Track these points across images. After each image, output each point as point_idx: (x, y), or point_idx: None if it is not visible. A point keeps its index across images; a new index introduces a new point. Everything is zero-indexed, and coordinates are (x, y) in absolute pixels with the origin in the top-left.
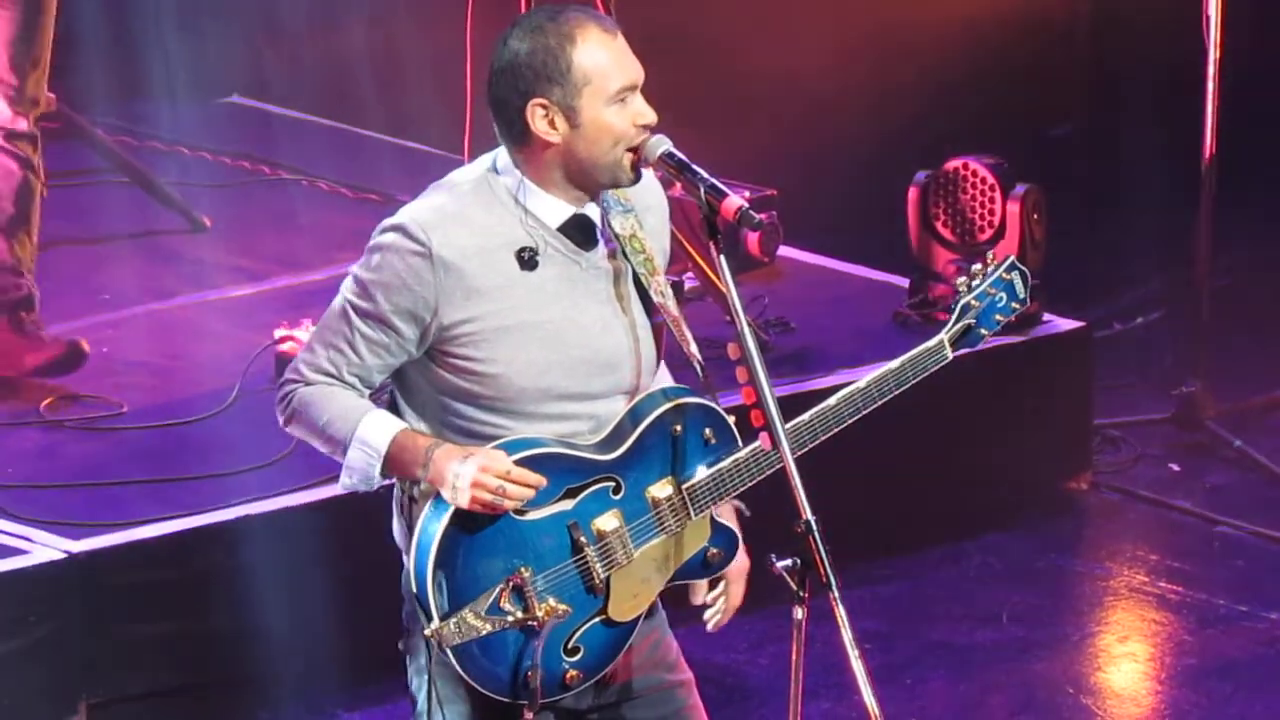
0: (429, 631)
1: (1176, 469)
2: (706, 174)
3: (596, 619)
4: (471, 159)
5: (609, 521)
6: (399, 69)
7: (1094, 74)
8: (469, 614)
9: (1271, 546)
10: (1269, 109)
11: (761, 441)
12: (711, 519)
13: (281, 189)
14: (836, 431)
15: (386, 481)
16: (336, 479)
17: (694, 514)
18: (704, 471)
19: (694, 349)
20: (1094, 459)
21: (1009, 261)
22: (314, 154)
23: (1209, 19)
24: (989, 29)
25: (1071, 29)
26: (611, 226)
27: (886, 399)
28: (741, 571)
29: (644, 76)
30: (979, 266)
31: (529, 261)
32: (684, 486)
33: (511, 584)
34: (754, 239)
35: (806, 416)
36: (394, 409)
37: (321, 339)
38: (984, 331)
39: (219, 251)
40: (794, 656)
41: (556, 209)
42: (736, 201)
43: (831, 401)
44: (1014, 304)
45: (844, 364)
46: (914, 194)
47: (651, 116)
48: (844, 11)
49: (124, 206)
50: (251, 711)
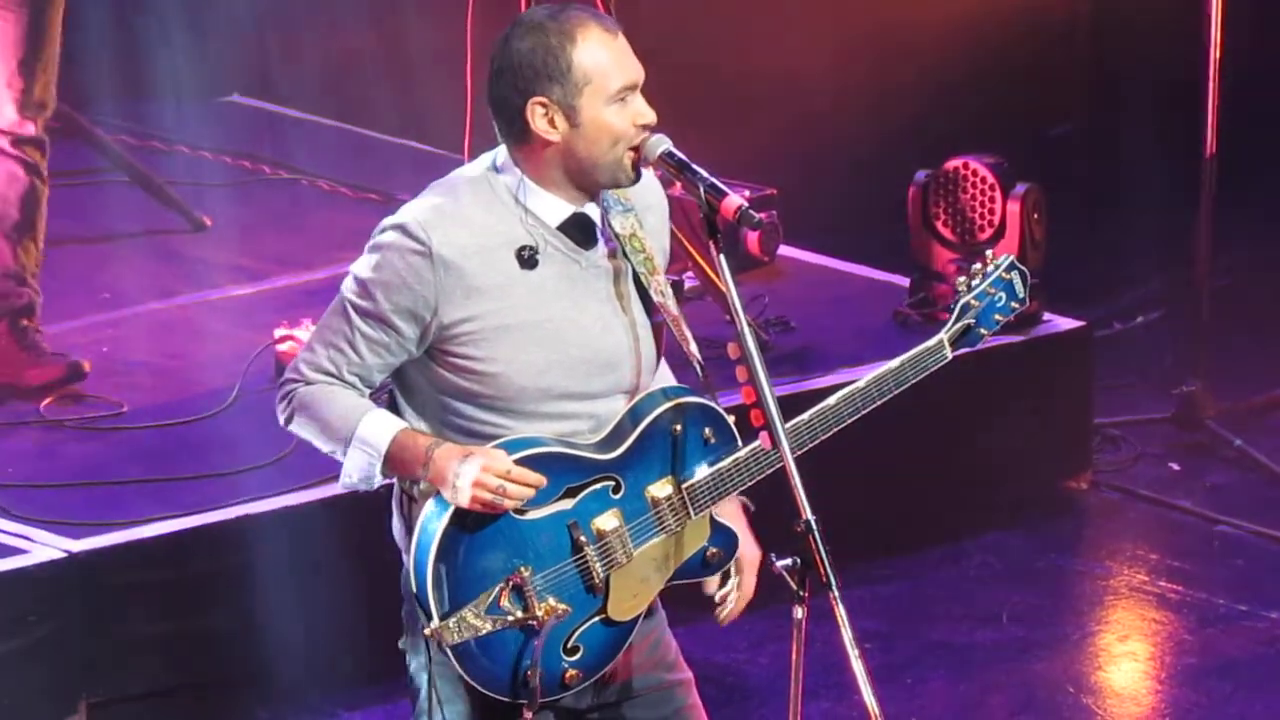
0: (429, 631)
1: (1176, 468)
2: (706, 173)
3: (596, 618)
4: (472, 158)
5: (609, 521)
6: (399, 68)
7: (1094, 74)
8: (469, 613)
9: (1271, 546)
10: (1269, 109)
11: (761, 441)
12: (711, 518)
13: (282, 188)
14: (836, 431)
15: (387, 481)
16: (337, 478)
17: (693, 513)
18: (704, 471)
19: (694, 348)
20: (1094, 458)
21: (1008, 261)
22: (314, 153)
23: (1209, 19)
24: (989, 29)
25: (1071, 29)
26: (611, 226)
27: (886, 399)
28: (753, 562)
29: (644, 76)
30: (978, 266)
31: (529, 260)
32: (684, 486)
33: (511, 583)
34: (754, 238)
35: (806, 416)
36: (394, 408)
37: (322, 338)
38: (983, 331)
39: (219, 251)
40: (794, 656)
41: (556, 208)
42: (736, 201)
43: (831, 401)
44: (1013, 304)
45: (844, 363)
46: (914, 193)
47: (651, 116)
48: (844, 11)
49: (124, 206)
50: (251, 711)
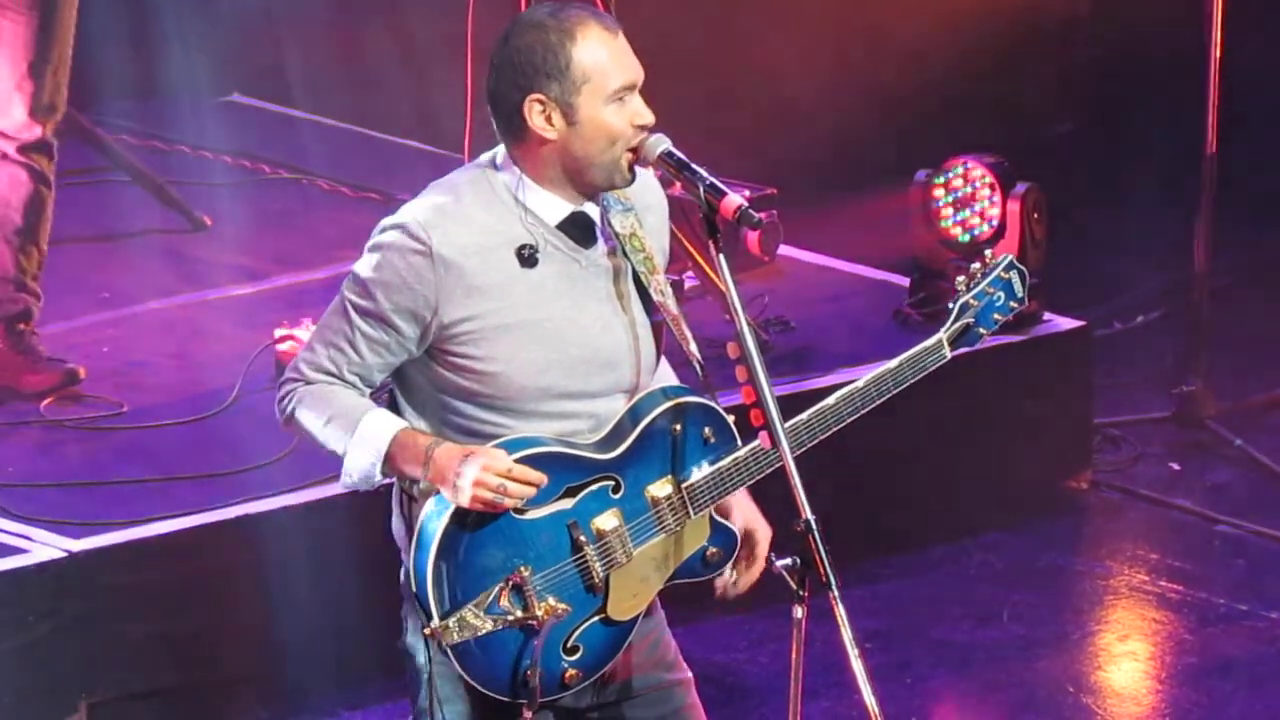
0: (428, 630)
1: (1177, 468)
2: (706, 173)
3: (596, 618)
4: (472, 157)
5: (608, 520)
6: (400, 67)
7: (1094, 74)
8: (469, 612)
9: (1272, 545)
10: (1269, 109)
11: (761, 441)
12: (711, 518)
13: (282, 188)
14: (835, 431)
15: (387, 480)
16: (337, 478)
17: (693, 513)
18: (703, 471)
19: (693, 348)
20: (1094, 458)
21: (1007, 260)
22: (314, 153)
23: (1209, 18)
24: (989, 28)
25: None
26: (611, 225)
27: (885, 398)
28: (765, 538)
29: (643, 77)
30: (977, 266)
31: (529, 259)
32: (683, 485)
33: (511, 583)
34: (754, 238)
35: (805, 416)
36: (394, 407)
37: (322, 338)
38: (982, 330)
39: (219, 250)
40: (794, 655)
41: (555, 206)
42: (736, 200)
43: (830, 401)
44: (1012, 303)
45: (844, 363)
46: (914, 193)
47: (649, 117)
48: (845, 10)
49: (124, 205)
50: (252, 711)
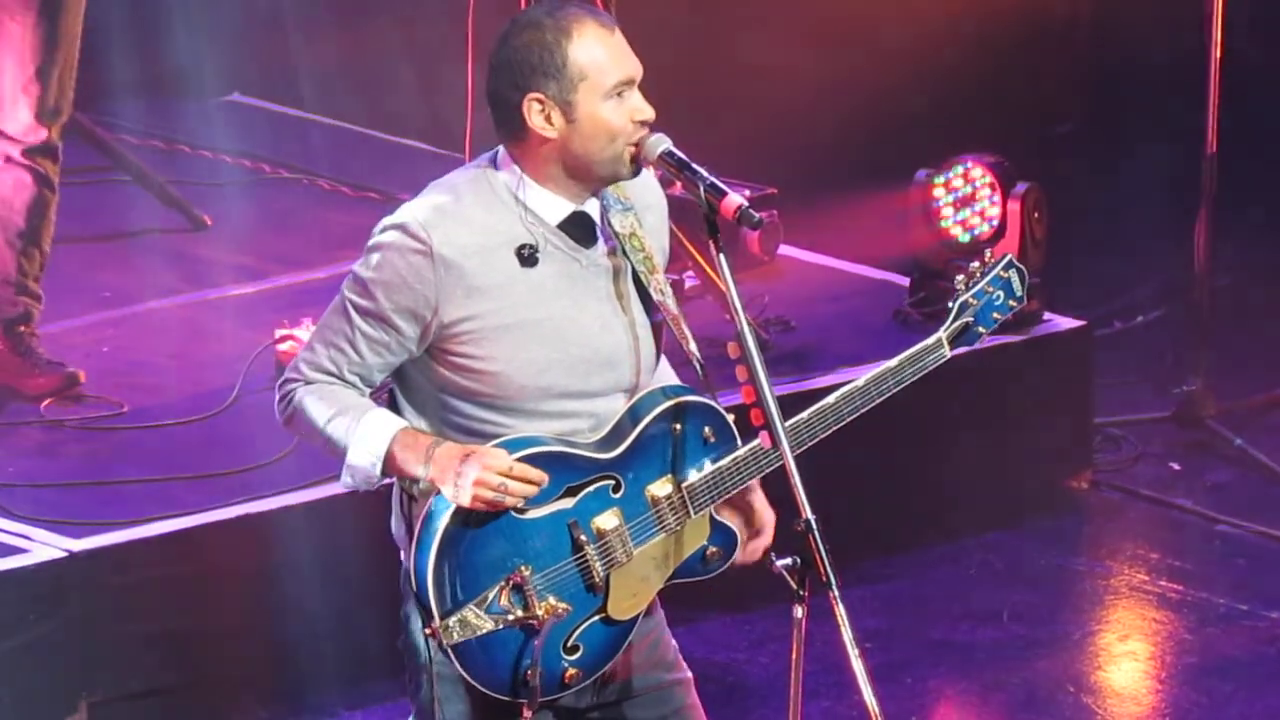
0: (429, 629)
1: (1177, 468)
2: (706, 172)
3: (596, 617)
4: (472, 157)
5: (609, 520)
6: (399, 67)
7: (1094, 73)
8: (469, 612)
9: (1272, 545)
10: (1270, 108)
11: (761, 440)
12: (710, 517)
13: (282, 187)
14: (835, 430)
15: (387, 480)
16: (337, 478)
17: (693, 512)
18: (703, 470)
19: (693, 347)
20: (1094, 457)
21: (1006, 259)
22: (314, 152)
23: (1209, 18)
24: (989, 28)
25: (1071, 28)
26: (611, 225)
27: (885, 397)
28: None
29: (642, 73)
30: (976, 265)
31: (529, 258)
32: (683, 485)
33: (511, 582)
34: (754, 237)
35: (805, 415)
36: (394, 407)
37: (322, 338)
38: (982, 330)
39: (219, 250)
40: (794, 655)
41: (555, 206)
42: (736, 200)
43: (830, 400)
44: (1011, 302)
45: (844, 363)
46: (914, 193)
47: (649, 113)
48: (846, 10)
49: (124, 205)
50: (251, 711)
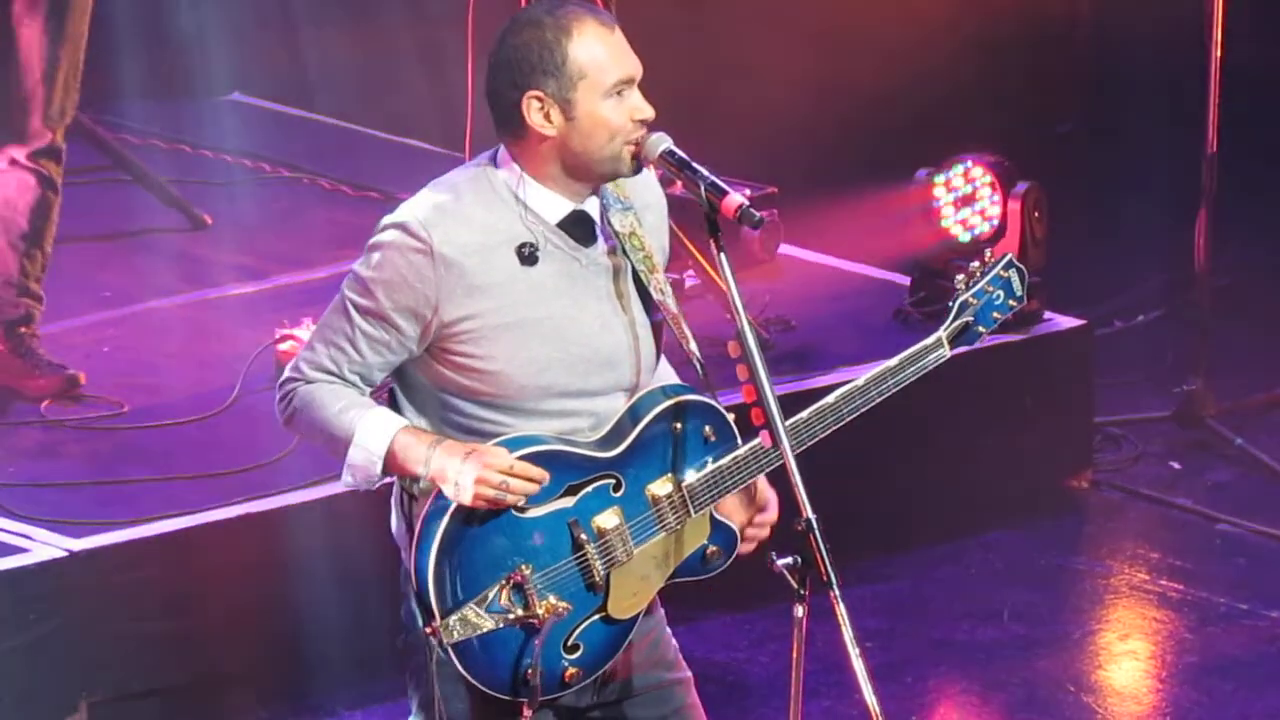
0: (429, 628)
1: (1177, 467)
2: (707, 171)
3: (596, 616)
4: (472, 156)
5: (609, 519)
6: (400, 66)
7: (1095, 72)
8: (469, 611)
9: (1272, 544)
10: (1270, 108)
11: (761, 439)
12: (711, 516)
13: (282, 187)
14: (835, 429)
15: (388, 479)
16: (337, 478)
17: (694, 511)
18: (704, 469)
19: (693, 347)
20: (1095, 457)
21: (1006, 259)
22: (315, 152)
23: (1210, 17)
24: (990, 28)
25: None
26: (611, 224)
27: (885, 396)
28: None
29: (642, 72)
30: (976, 264)
31: (529, 257)
32: (684, 484)
33: (512, 581)
34: (755, 237)
35: (805, 414)
36: (394, 406)
37: (322, 337)
38: (981, 329)
39: (220, 250)
40: (794, 654)
41: (555, 204)
42: (737, 199)
43: (830, 399)
44: (1011, 301)
45: (845, 362)
46: (915, 192)
47: (649, 111)
48: (846, 9)
49: (125, 204)
50: (252, 711)
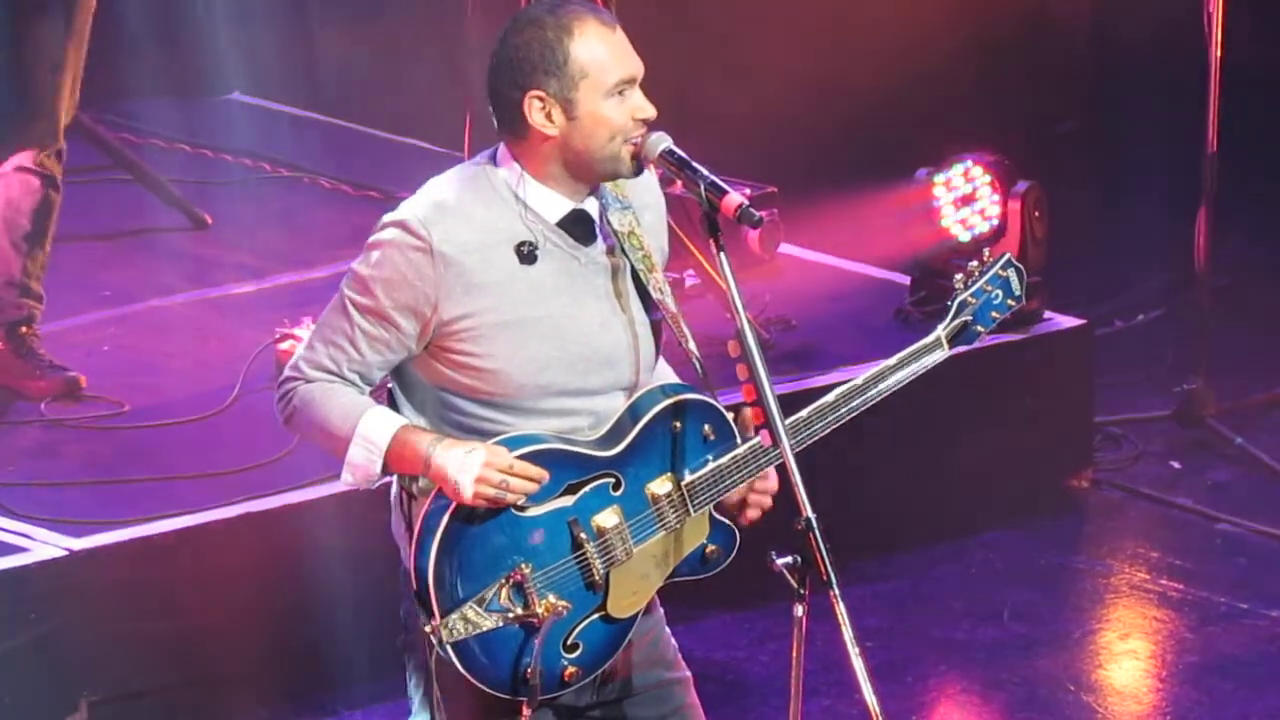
0: (429, 628)
1: (1177, 466)
2: (707, 171)
3: (595, 615)
4: (472, 155)
5: (609, 518)
6: (400, 65)
7: (1095, 72)
8: (469, 610)
9: (1273, 544)
10: (1270, 107)
11: (762, 439)
12: (710, 515)
13: (282, 186)
14: (835, 429)
15: (387, 478)
16: (337, 477)
17: (693, 510)
18: (703, 468)
19: (693, 346)
20: (1095, 456)
21: (1005, 258)
22: (315, 151)
23: (1210, 17)
24: (990, 28)
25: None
26: (610, 223)
27: (885, 396)
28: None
29: (643, 71)
30: (975, 264)
31: (528, 256)
32: (683, 483)
33: (512, 580)
34: (754, 236)
35: (804, 414)
36: (393, 405)
37: (321, 336)
38: (980, 329)
39: (220, 249)
40: (794, 654)
41: (555, 203)
42: (737, 199)
43: (829, 399)
44: (1010, 301)
45: (845, 362)
46: (915, 191)
47: (650, 111)
48: (846, 7)
49: (125, 203)
50: (251, 711)
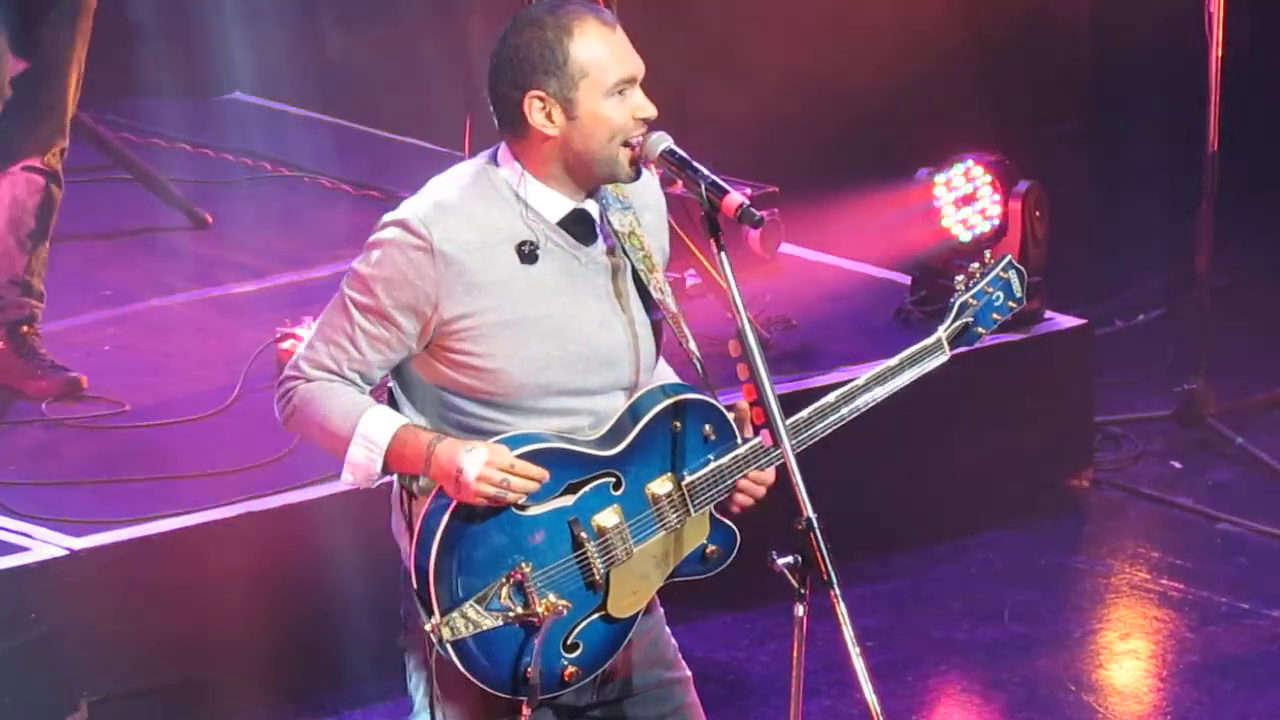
0: (429, 627)
1: (1178, 466)
2: (707, 171)
3: (596, 615)
4: (473, 155)
5: (609, 517)
6: (401, 65)
7: (1094, 73)
8: (469, 609)
9: (1273, 543)
10: (1271, 107)
11: (762, 438)
12: (710, 516)
13: (283, 186)
14: (835, 429)
15: (388, 478)
16: (337, 476)
17: (693, 510)
18: (704, 468)
19: (693, 346)
20: (1095, 456)
21: (1006, 260)
22: (316, 150)
23: (1211, 17)
24: (990, 27)
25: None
26: (610, 223)
27: (885, 396)
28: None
29: (644, 70)
30: (976, 265)
31: (529, 255)
32: (684, 483)
33: (512, 579)
34: (755, 236)
35: (805, 414)
36: (393, 405)
37: (322, 335)
38: (981, 330)
39: (220, 248)
40: (795, 654)
41: (556, 203)
42: (737, 198)
43: (829, 399)
44: (1011, 303)
45: (845, 361)
46: (916, 191)
47: (651, 110)
48: (847, 7)
49: (126, 203)
50: (251, 710)
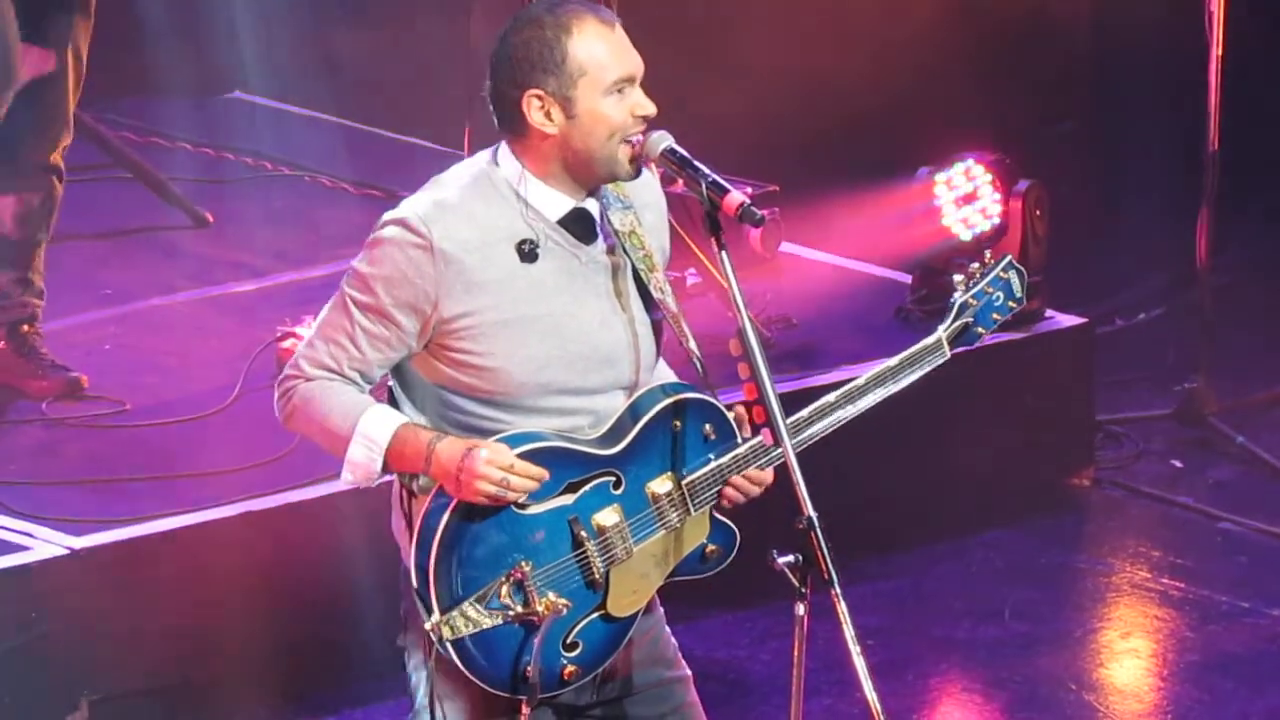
0: (429, 625)
1: (1179, 465)
2: (708, 170)
3: (595, 614)
4: (473, 154)
5: (609, 516)
6: (401, 64)
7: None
8: (469, 608)
9: (1274, 542)
10: (1271, 106)
11: (763, 438)
12: (710, 515)
13: (284, 185)
14: (835, 428)
15: (388, 477)
16: (337, 475)
17: (693, 509)
18: (704, 467)
19: (693, 345)
20: (1096, 455)
21: (1006, 260)
22: (316, 150)
23: (1211, 16)
24: (990, 27)
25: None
26: (610, 222)
27: (885, 396)
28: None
29: (643, 69)
30: (976, 265)
31: (529, 254)
32: (684, 482)
33: (512, 578)
34: (756, 235)
35: (804, 413)
36: (392, 404)
37: (322, 334)
38: (981, 330)
39: (221, 248)
40: (795, 653)
41: (556, 202)
42: (738, 197)
43: (830, 398)
44: (1011, 303)
45: (846, 361)
46: (916, 190)
47: (650, 108)
48: (847, 6)
49: (126, 202)
50: (251, 710)
